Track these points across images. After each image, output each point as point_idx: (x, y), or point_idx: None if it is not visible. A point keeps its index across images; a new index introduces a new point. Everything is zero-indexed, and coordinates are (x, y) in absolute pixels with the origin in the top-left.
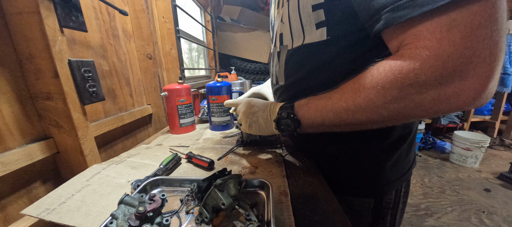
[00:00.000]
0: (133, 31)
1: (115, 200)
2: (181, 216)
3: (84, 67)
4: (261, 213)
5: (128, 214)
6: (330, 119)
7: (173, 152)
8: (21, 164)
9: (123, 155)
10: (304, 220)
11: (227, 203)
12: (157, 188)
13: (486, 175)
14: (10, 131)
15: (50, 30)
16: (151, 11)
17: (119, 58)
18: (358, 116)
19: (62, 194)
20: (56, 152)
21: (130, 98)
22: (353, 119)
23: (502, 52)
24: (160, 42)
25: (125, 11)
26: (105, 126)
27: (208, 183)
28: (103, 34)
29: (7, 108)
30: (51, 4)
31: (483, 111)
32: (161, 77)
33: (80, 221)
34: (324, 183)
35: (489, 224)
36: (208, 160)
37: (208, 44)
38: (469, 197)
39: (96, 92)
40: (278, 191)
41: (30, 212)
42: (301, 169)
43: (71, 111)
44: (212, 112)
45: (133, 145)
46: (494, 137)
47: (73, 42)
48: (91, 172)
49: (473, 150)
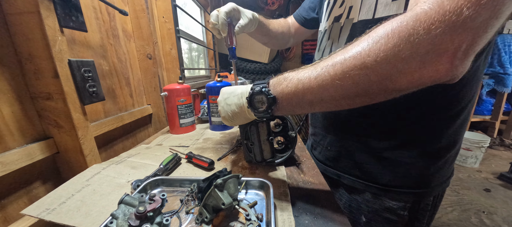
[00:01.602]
0: (133, 31)
1: (115, 200)
2: (181, 216)
3: (84, 67)
4: (261, 213)
5: (128, 214)
6: (313, 93)
7: (173, 152)
8: (21, 164)
9: (123, 155)
10: (304, 220)
11: (227, 203)
12: (157, 188)
13: (486, 175)
14: (10, 131)
15: (50, 30)
16: (151, 11)
17: (119, 58)
18: (345, 83)
19: (62, 194)
20: (56, 152)
21: (130, 98)
22: (340, 90)
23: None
24: (160, 42)
25: (125, 11)
26: (105, 126)
27: (208, 183)
28: (103, 34)
29: (7, 108)
30: (51, 4)
31: (483, 111)
32: (161, 77)
33: (80, 221)
34: (324, 183)
35: (489, 224)
36: (208, 160)
37: (208, 44)
38: (469, 197)
39: (96, 92)
40: (278, 191)
41: (30, 212)
42: (301, 169)
43: (71, 111)
44: (212, 112)
45: (133, 145)
46: (494, 137)
47: (73, 42)
48: (91, 172)
49: (473, 150)
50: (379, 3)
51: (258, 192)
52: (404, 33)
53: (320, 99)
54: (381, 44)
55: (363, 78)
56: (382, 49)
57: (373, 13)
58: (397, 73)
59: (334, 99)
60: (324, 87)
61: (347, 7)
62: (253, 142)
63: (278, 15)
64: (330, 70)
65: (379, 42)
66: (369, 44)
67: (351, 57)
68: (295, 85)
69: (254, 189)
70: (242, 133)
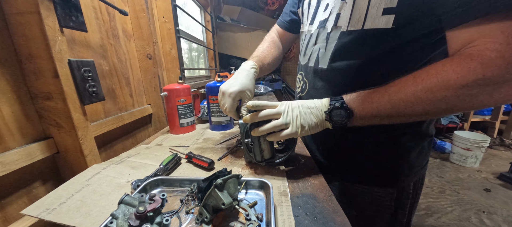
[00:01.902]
0: (133, 31)
1: (115, 200)
2: (181, 216)
3: (84, 67)
4: (261, 213)
5: (128, 214)
6: (386, 110)
7: (173, 152)
8: (21, 164)
9: (123, 155)
10: (304, 220)
11: (227, 203)
12: (157, 188)
13: (486, 175)
14: (10, 131)
15: (50, 30)
16: (151, 11)
17: (119, 58)
18: (415, 107)
19: (62, 194)
20: (56, 152)
21: (130, 98)
22: (410, 111)
23: None
24: (160, 42)
25: (125, 11)
26: (105, 126)
27: (208, 183)
28: (103, 34)
29: (7, 108)
30: (51, 4)
31: (483, 111)
32: (161, 77)
33: (80, 221)
34: (324, 183)
35: (489, 224)
36: (208, 160)
37: (208, 44)
38: (469, 197)
39: (96, 92)
40: (278, 191)
41: (30, 212)
42: (301, 169)
43: (71, 111)
44: (212, 112)
45: (133, 145)
46: (494, 137)
47: (73, 42)
48: (91, 172)
49: (473, 150)
50: (369, 15)
51: (258, 192)
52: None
53: (390, 116)
54: (450, 89)
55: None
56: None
57: (363, 24)
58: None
59: (401, 117)
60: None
61: (334, 14)
62: (253, 142)
63: (278, 15)
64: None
65: (448, 88)
66: (438, 82)
67: (434, 98)
68: (370, 104)
69: (254, 189)
70: (242, 133)
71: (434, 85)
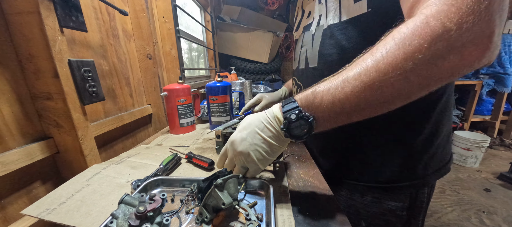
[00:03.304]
0: (133, 31)
1: (115, 200)
2: (181, 216)
3: (84, 67)
4: (261, 213)
5: (128, 214)
6: (351, 103)
7: (173, 152)
8: (21, 164)
9: (123, 155)
10: (304, 220)
11: (227, 203)
12: (157, 188)
13: (486, 175)
14: (10, 131)
15: (50, 30)
16: (151, 11)
17: (119, 58)
18: (385, 89)
19: (62, 194)
20: (56, 152)
21: (130, 98)
22: (379, 96)
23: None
24: (160, 42)
25: (125, 11)
26: (105, 126)
27: (208, 183)
28: (103, 34)
29: (7, 108)
30: (51, 4)
31: (483, 111)
32: (161, 77)
33: (80, 221)
34: (324, 183)
35: (489, 224)
36: (208, 160)
37: (208, 44)
38: (469, 197)
39: (96, 92)
40: (278, 191)
41: (30, 212)
42: (301, 169)
43: (71, 111)
44: (212, 112)
45: (133, 145)
46: (494, 137)
47: (73, 42)
48: (91, 172)
49: (473, 150)
50: (342, 7)
51: (258, 192)
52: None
53: (359, 108)
54: (415, 46)
55: (403, 82)
56: (417, 50)
57: (339, 17)
58: (438, 70)
59: (372, 106)
60: (361, 97)
61: (317, 16)
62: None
63: (278, 15)
64: (365, 79)
65: (411, 44)
66: (399, 48)
67: (386, 63)
68: (331, 101)
69: (254, 189)
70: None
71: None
